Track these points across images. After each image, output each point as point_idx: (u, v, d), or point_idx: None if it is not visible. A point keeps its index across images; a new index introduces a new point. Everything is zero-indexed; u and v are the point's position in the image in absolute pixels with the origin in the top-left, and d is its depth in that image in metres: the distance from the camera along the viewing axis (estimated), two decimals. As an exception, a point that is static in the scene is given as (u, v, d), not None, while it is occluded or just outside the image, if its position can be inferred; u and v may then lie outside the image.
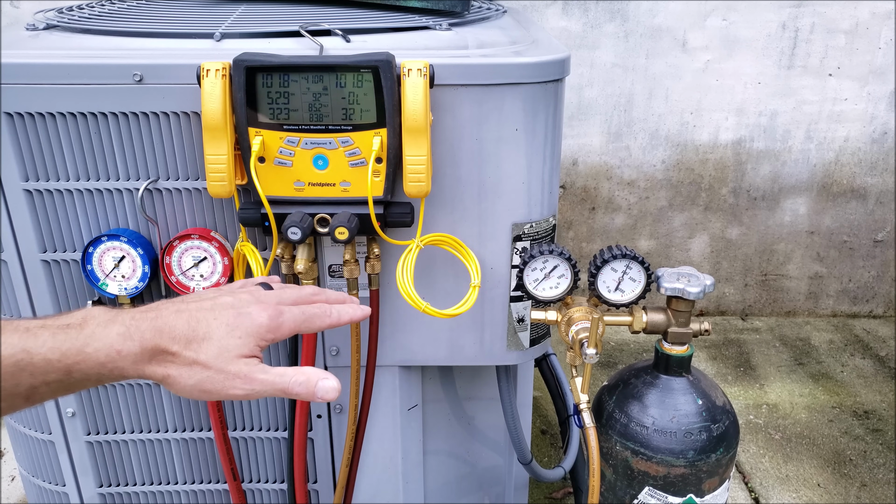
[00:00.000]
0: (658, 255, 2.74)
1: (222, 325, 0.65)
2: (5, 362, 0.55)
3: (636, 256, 1.06)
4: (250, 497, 1.31)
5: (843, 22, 2.41)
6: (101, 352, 0.59)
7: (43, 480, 1.29)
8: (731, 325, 2.76)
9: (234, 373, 0.64)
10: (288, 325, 0.69)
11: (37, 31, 1.12)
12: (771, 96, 2.50)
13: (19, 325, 0.58)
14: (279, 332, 0.68)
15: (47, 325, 0.59)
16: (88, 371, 0.59)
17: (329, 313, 0.73)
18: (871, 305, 2.83)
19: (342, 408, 1.25)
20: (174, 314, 0.64)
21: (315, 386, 0.66)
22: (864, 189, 2.64)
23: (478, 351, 1.20)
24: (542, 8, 2.39)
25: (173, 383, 0.63)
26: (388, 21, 1.13)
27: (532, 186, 1.09)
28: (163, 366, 0.62)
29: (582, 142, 2.56)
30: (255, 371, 0.65)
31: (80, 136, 1.02)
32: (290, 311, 0.69)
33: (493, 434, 1.39)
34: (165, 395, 1.21)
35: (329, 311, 0.73)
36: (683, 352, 1.13)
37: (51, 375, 0.58)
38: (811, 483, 1.96)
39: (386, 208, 1.03)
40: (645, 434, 1.12)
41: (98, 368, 0.60)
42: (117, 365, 0.60)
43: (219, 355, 0.64)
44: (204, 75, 0.94)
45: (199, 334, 0.64)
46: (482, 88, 1.01)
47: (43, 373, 0.57)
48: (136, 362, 0.61)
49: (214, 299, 0.68)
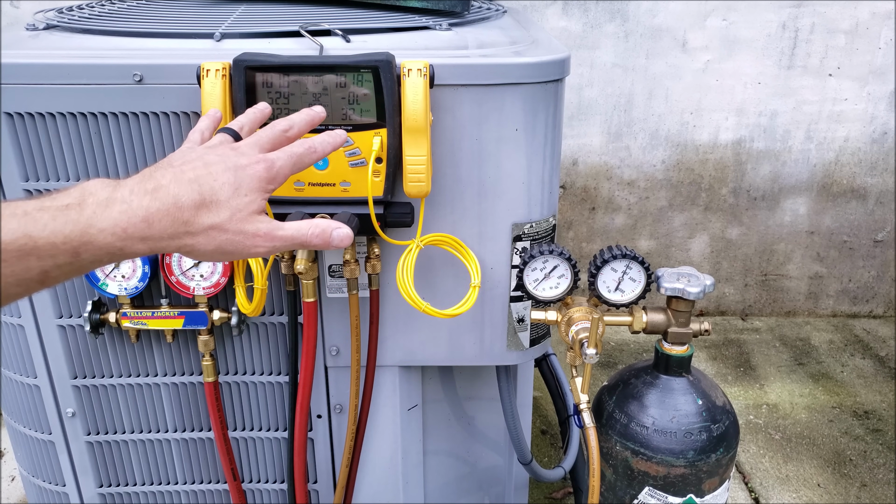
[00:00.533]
0: (658, 255, 2.74)
1: (226, 186, 0.64)
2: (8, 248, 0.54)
3: (636, 256, 1.06)
4: (250, 497, 1.31)
5: (843, 22, 2.41)
6: (106, 232, 0.58)
7: (43, 480, 1.29)
8: (731, 325, 2.76)
9: (254, 232, 0.65)
10: (283, 172, 0.70)
11: (37, 31, 1.12)
12: (771, 96, 2.50)
13: (17, 209, 0.56)
14: (276, 181, 0.69)
15: (45, 206, 0.57)
16: (97, 253, 0.58)
17: (314, 148, 0.74)
18: (871, 305, 2.83)
19: (342, 408, 1.25)
20: (173, 181, 0.62)
21: (330, 235, 0.70)
22: (864, 189, 2.64)
23: (478, 351, 1.20)
24: (542, 8, 2.39)
25: (191, 251, 0.63)
26: (388, 21, 1.13)
27: (532, 186, 1.09)
28: (178, 238, 0.62)
29: (582, 142, 2.56)
30: (273, 229, 0.67)
31: (80, 136, 1.02)
32: (280, 159, 0.70)
33: (493, 434, 1.39)
34: (165, 395, 1.21)
35: (312, 145, 0.74)
36: (683, 352, 1.13)
37: (59, 258, 0.57)
38: (811, 483, 1.96)
39: (386, 208, 1.03)
40: (645, 434, 1.12)
41: (107, 249, 0.59)
42: (126, 244, 0.59)
43: (232, 217, 0.64)
44: (204, 75, 0.94)
45: (206, 198, 0.63)
46: (482, 88, 1.01)
47: (50, 256, 0.56)
48: (145, 239, 0.60)
49: (202, 158, 0.67)
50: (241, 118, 0.79)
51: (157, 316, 1.11)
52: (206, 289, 1.09)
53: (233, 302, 1.13)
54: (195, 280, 1.08)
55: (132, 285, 1.08)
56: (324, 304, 1.15)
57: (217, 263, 1.07)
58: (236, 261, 1.08)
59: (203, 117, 0.82)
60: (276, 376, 1.21)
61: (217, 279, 1.08)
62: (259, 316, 1.15)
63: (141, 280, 1.07)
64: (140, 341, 1.17)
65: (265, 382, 1.22)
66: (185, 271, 1.08)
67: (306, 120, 0.78)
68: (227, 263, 1.07)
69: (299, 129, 0.77)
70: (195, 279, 1.08)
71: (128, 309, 1.11)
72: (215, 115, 0.83)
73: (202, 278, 1.08)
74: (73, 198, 0.58)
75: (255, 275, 1.07)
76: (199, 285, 1.08)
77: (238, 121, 0.78)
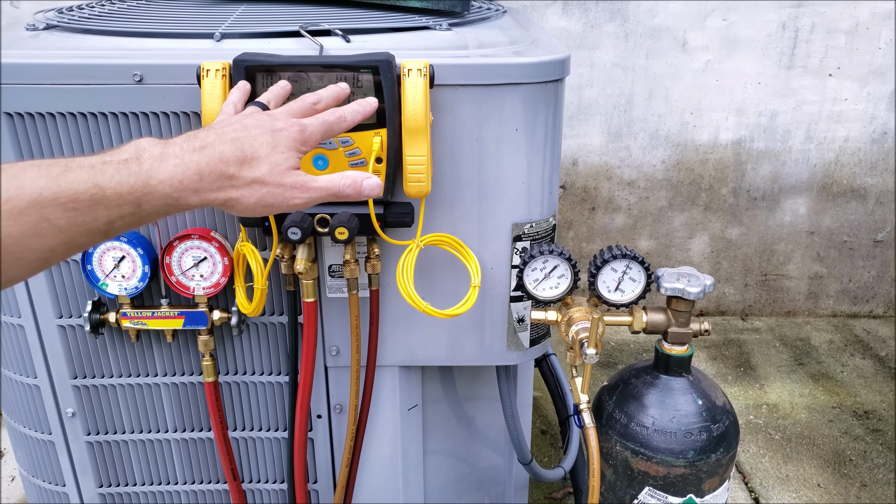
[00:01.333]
0: (658, 255, 2.74)
1: (264, 145, 0.70)
2: (80, 197, 0.58)
3: (636, 256, 1.06)
4: (250, 497, 1.31)
5: (843, 22, 2.41)
6: (165, 183, 0.63)
7: (43, 480, 1.29)
8: (731, 325, 2.76)
9: (291, 184, 0.71)
10: (315, 135, 0.76)
11: (37, 31, 1.12)
12: (771, 96, 2.50)
13: (83, 162, 0.60)
14: (309, 143, 0.75)
15: (107, 160, 0.62)
16: (157, 203, 0.63)
17: (344, 117, 0.80)
18: (871, 305, 2.83)
19: (342, 408, 1.25)
20: (217, 140, 0.68)
21: (361, 185, 0.76)
22: (864, 189, 2.64)
23: (478, 351, 1.20)
24: (542, 8, 2.39)
25: (235, 204, 0.69)
26: (388, 21, 1.13)
27: (532, 186, 1.09)
28: (224, 191, 0.67)
29: (582, 142, 2.56)
30: (308, 181, 0.73)
31: (80, 136, 1.02)
32: (312, 124, 0.76)
33: (493, 434, 1.39)
34: (165, 395, 1.21)
35: (342, 114, 0.81)
36: (683, 352, 1.13)
37: (124, 208, 0.61)
38: (811, 483, 1.96)
39: (386, 208, 1.03)
40: (645, 434, 1.12)
41: (165, 199, 0.64)
42: (182, 195, 0.65)
43: (271, 171, 0.70)
44: (204, 75, 0.94)
45: (248, 155, 0.69)
46: (482, 88, 1.01)
47: (117, 206, 0.61)
48: (197, 191, 0.66)
49: (241, 121, 0.73)
50: (267, 94, 0.86)
51: (157, 316, 1.11)
52: (206, 289, 1.09)
53: (233, 302, 1.13)
54: (195, 280, 1.08)
55: (132, 285, 1.08)
56: (324, 304, 1.15)
57: (217, 263, 1.07)
58: (237, 261, 1.08)
59: (233, 90, 0.89)
60: (276, 376, 1.21)
61: (217, 279, 1.08)
62: (259, 316, 1.15)
63: (141, 280, 1.07)
64: (140, 341, 1.17)
65: (265, 382, 1.22)
66: (185, 271, 1.08)
67: (333, 95, 0.85)
68: (228, 263, 1.07)
69: (326, 104, 0.83)
70: (195, 279, 1.08)
71: (128, 309, 1.11)
72: (245, 86, 0.90)
73: (202, 278, 1.08)
74: (130, 153, 0.63)
75: (255, 275, 1.07)
76: (199, 285, 1.08)
77: (264, 96, 0.85)
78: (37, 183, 0.57)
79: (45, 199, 0.56)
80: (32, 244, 0.56)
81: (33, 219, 0.56)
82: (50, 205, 0.57)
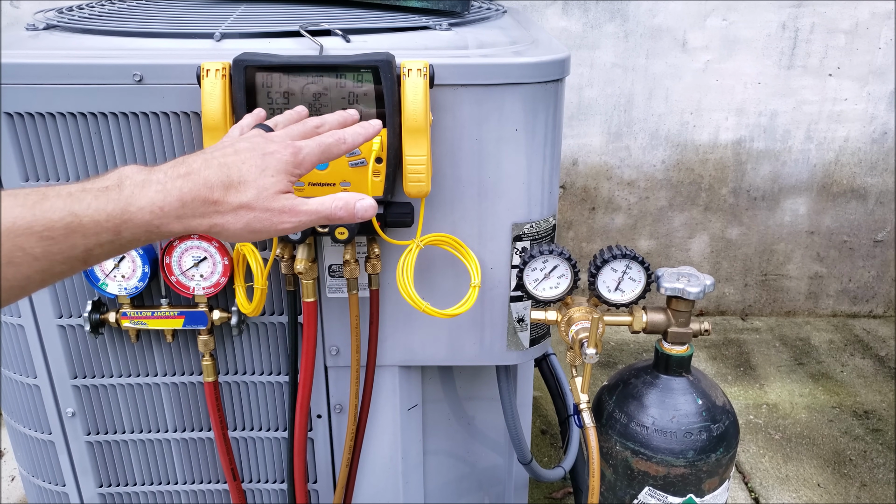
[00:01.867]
0: (658, 255, 2.74)
1: (252, 168, 0.68)
2: (55, 225, 0.58)
3: (636, 256, 1.06)
4: (250, 497, 1.31)
5: (843, 22, 2.41)
6: (144, 210, 0.62)
7: (43, 480, 1.29)
8: (731, 325, 2.76)
9: (279, 208, 0.68)
10: (309, 158, 0.73)
11: (37, 31, 1.12)
12: (771, 96, 2.50)
13: (61, 191, 0.60)
14: (303, 166, 0.72)
15: (87, 188, 0.61)
16: (136, 230, 0.62)
17: (343, 139, 0.77)
18: (871, 305, 2.83)
19: (342, 408, 1.25)
20: (203, 166, 0.66)
21: (354, 207, 0.73)
22: (864, 189, 2.64)
23: (478, 351, 1.20)
24: (542, 8, 2.39)
25: (221, 230, 0.67)
26: (388, 21, 1.13)
27: (532, 186, 1.09)
28: (208, 217, 0.65)
29: (582, 142, 2.56)
30: (298, 204, 0.69)
31: (80, 136, 1.02)
32: (307, 146, 0.73)
33: (493, 434, 1.39)
34: (165, 396, 1.21)
35: (342, 136, 0.77)
36: (683, 352, 1.13)
37: (102, 236, 0.60)
38: (811, 483, 1.96)
39: (386, 208, 1.03)
40: (645, 434, 1.12)
41: (145, 226, 0.62)
42: (163, 222, 0.63)
43: (258, 195, 0.67)
44: (204, 75, 0.94)
45: (234, 179, 0.66)
46: (482, 88, 1.01)
47: (94, 234, 0.60)
48: (180, 217, 0.64)
49: (233, 145, 0.71)
50: (278, 117, 0.83)
51: (157, 316, 1.11)
52: (206, 289, 1.09)
53: (233, 302, 1.13)
54: (195, 280, 1.08)
55: (132, 285, 1.08)
56: (324, 304, 1.15)
57: (217, 263, 1.07)
58: (237, 261, 1.08)
59: (247, 115, 0.86)
60: (276, 376, 1.21)
61: (217, 279, 1.08)
62: (259, 316, 1.15)
63: (141, 280, 1.07)
64: (140, 341, 1.17)
65: (265, 382, 1.22)
66: (185, 271, 1.08)
67: (338, 120, 0.82)
68: (227, 263, 1.07)
69: (330, 128, 0.80)
70: (195, 279, 1.08)
71: (128, 309, 1.11)
72: (259, 113, 0.87)
73: (202, 278, 1.08)
74: (112, 181, 0.62)
75: (255, 275, 1.07)
76: (198, 285, 1.08)
77: (274, 119, 0.82)
78: (11, 212, 0.56)
79: (19, 228, 0.56)
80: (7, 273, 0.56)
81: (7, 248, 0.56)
82: (24, 234, 0.56)
